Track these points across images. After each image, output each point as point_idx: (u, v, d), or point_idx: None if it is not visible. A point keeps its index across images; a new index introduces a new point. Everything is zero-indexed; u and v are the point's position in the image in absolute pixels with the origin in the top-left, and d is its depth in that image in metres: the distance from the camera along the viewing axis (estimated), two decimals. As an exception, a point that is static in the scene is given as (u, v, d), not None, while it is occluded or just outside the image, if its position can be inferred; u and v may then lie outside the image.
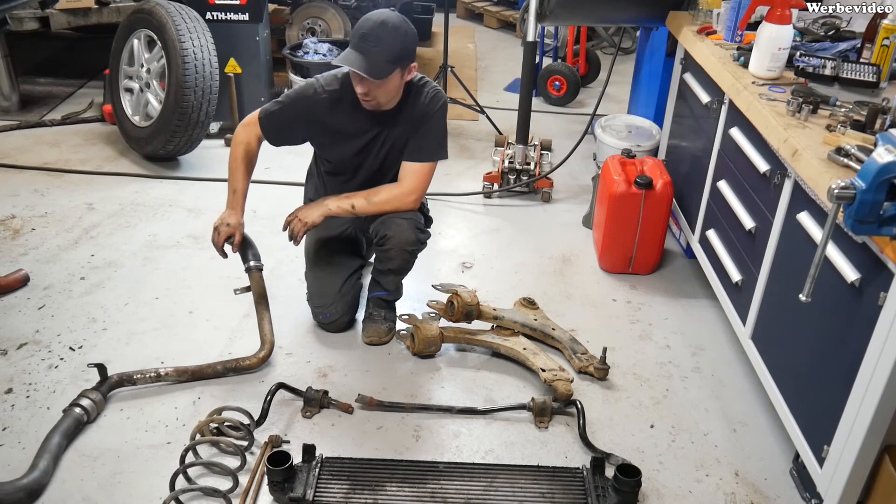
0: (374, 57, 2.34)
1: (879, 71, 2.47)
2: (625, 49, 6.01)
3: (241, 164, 2.58)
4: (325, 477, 2.11)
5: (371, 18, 2.39)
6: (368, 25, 2.37)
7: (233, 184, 2.60)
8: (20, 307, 2.85)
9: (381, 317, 2.75)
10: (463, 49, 6.16)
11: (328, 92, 2.52)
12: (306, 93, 2.53)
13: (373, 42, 2.33)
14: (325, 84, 2.53)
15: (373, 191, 2.60)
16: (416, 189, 2.60)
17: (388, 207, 2.58)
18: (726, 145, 2.75)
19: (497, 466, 2.20)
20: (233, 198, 2.60)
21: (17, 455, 2.20)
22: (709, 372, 2.68)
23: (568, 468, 2.19)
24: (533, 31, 3.57)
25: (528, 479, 2.14)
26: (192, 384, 2.50)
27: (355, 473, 2.14)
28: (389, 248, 2.59)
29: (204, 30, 3.81)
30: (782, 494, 2.20)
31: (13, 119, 4.45)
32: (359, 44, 2.36)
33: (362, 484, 2.10)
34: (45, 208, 3.53)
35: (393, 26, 2.37)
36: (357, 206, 2.57)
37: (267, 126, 2.57)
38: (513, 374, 2.63)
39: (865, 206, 1.61)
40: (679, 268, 3.31)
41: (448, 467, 2.18)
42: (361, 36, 2.36)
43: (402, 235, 2.57)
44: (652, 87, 3.97)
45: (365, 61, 2.34)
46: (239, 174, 2.58)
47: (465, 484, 2.12)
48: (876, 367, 1.73)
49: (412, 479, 2.13)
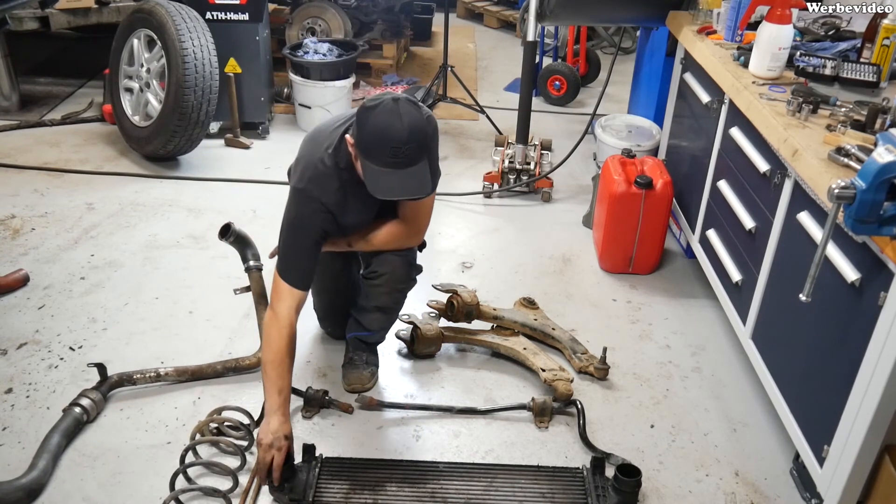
0: (414, 168, 1.99)
1: (879, 71, 2.47)
2: (625, 49, 6.00)
3: (286, 356, 2.09)
4: (325, 477, 2.11)
5: (390, 125, 1.95)
6: (396, 137, 1.94)
7: (277, 383, 2.06)
8: (20, 307, 2.85)
9: (362, 361, 2.55)
10: (463, 49, 6.16)
11: (331, 195, 2.15)
12: (310, 212, 2.14)
13: (406, 153, 1.96)
14: (322, 191, 2.13)
15: (373, 230, 2.32)
16: (419, 230, 2.37)
17: (389, 248, 2.36)
18: (726, 145, 2.75)
19: (497, 466, 2.20)
20: (279, 400, 2.05)
21: (16, 455, 2.20)
22: (709, 372, 2.68)
23: (568, 468, 2.19)
24: (533, 30, 3.56)
25: (528, 480, 2.14)
26: (192, 384, 2.50)
27: (355, 473, 2.14)
28: (380, 285, 2.39)
29: (204, 29, 3.81)
30: (782, 494, 2.20)
31: (13, 119, 4.45)
32: (392, 161, 1.96)
33: (362, 484, 2.10)
34: (45, 208, 3.53)
35: (418, 121, 1.99)
36: (354, 244, 2.33)
37: (297, 278, 2.15)
38: (513, 374, 2.63)
39: (865, 205, 1.61)
40: (679, 268, 3.31)
41: (448, 467, 2.18)
42: (393, 152, 1.95)
43: (396, 272, 2.37)
44: (652, 86, 3.97)
45: (412, 180, 2.01)
46: (285, 369, 2.08)
47: (465, 484, 2.12)
48: (876, 367, 1.73)
49: (412, 479, 2.13)
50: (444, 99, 4.58)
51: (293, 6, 5.16)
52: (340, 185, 2.15)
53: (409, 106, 1.99)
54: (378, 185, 2.01)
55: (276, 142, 4.29)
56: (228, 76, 4.05)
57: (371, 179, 2.01)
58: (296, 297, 2.14)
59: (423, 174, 2.03)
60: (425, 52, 6.02)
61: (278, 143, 4.25)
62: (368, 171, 2.01)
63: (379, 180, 2.00)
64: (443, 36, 4.56)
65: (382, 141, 1.95)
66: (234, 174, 3.91)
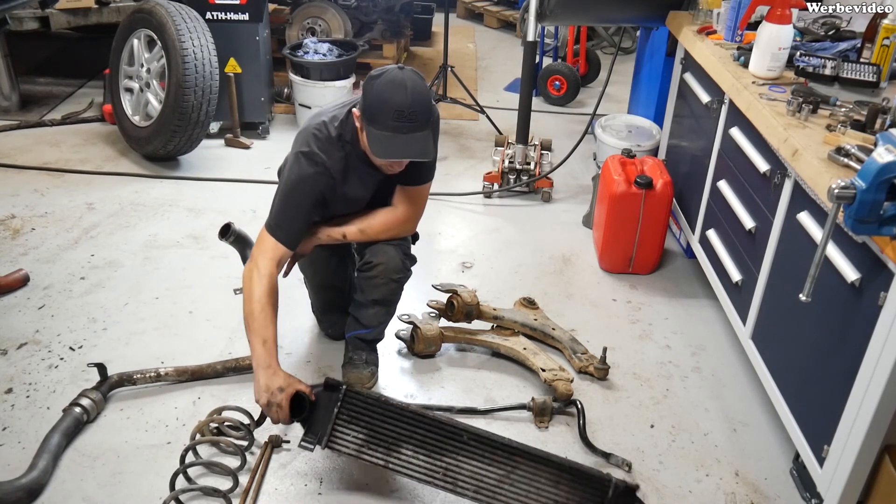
0: (418, 133, 2.06)
1: (879, 71, 2.47)
2: (625, 49, 6.00)
3: (267, 304, 2.08)
4: (344, 418, 1.98)
5: (394, 89, 2.02)
6: (399, 100, 2.01)
7: (261, 332, 2.06)
8: (20, 307, 2.85)
9: (361, 360, 2.53)
10: (463, 49, 6.16)
11: (335, 161, 2.19)
12: (313, 174, 2.17)
13: (409, 118, 2.02)
14: (327, 155, 2.17)
15: (367, 219, 2.34)
16: (413, 216, 2.40)
17: (384, 236, 2.37)
18: (726, 145, 2.75)
19: (522, 451, 2.02)
20: (264, 352, 2.05)
21: (16, 455, 2.20)
22: (709, 372, 2.68)
23: (596, 476, 2.02)
24: (533, 30, 3.57)
25: (548, 480, 1.99)
26: (192, 384, 2.50)
27: (374, 421, 2.00)
28: (375, 276, 2.37)
29: (204, 29, 3.81)
30: (782, 494, 2.20)
31: (13, 119, 4.45)
32: (395, 124, 2.03)
33: (379, 438, 1.99)
34: (45, 208, 3.53)
35: (420, 88, 2.06)
36: (349, 235, 2.34)
37: (286, 236, 2.18)
38: (513, 374, 2.63)
39: (865, 205, 1.61)
40: (679, 268, 3.31)
41: (473, 439, 2.01)
42: (396, 115, 2.01)
43: (390, 263, 2.36)
44: (652, 86, 3.97)
45: (415, 144, 2.06)
46: (267, 317, 2.07)
47: (482, 467, 1.99)
48: (876, 367, 1.73)
49: (431, 445, 2.00)
50: (444, 99, 4.58)
51: (293, 6, 5.15)
52: (344, 155, 2.20)
53: (413, 75, 2.07)
54: (381, 147, 2.06)
55: (276, 142, 4.28)
56: (228, 76, 4.05)
57: (374, 143, 2.06)
58: (279, 252, 2.17)
59: (427, 141, 2.09)
60: (425, 53, 6.02)
61: (278, 143, 4.24)
62: (372, 137, 2.06)
63: (382, 143, 2.05)
64: (443, 36, 4.56)
65: (387, 105, 2.02)
66: (234, 174, 3.91)
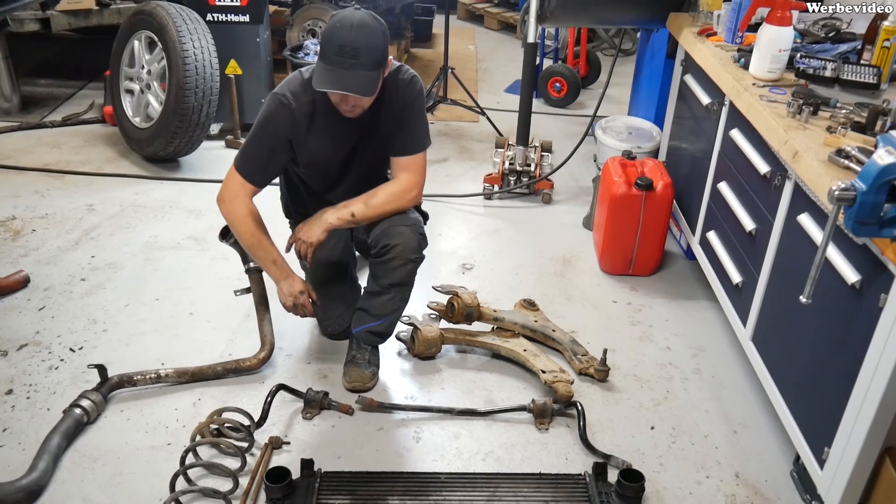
0: (360, 71, 2.12)
1: (880, 73, 2.47)
2: (625, 50, 6.01)
3: (259, 233, 2.38)
4: (325, 492, 2.08)
5: (342, 25, 2.12)
6: (342, 36, 2.10)
7: (268, 256, 2.40)
8: (21, 308, 2.85)
9: (364, 360, 2.55)
10: (463, 50, 6.17)
11: (301, 105, 2.28)
12: (277, 113, 2.28)
13: (352, 54, 2.10)
14: (294, 96, 2.27)
15: (370, 194, 2.39)
16: (416, 184, 2.43)
17: (390, 208, 2.40)
18: (727, 147, 2.75)
19: (499, 476, 2.18)
20: (277, 269, 2.43)
21: (16, 456, 2.20)
22: (709, 373, 2.68)
23: (570, 475, 2.18)
24: (533, 32, 3.57)
25: (530, 488, 2.12)
26: (193, 385, 2.50)
27: (356, 487, 2.11)
28: (392, 258, 2.39)
29: (204, 31, 3.82)
30: (783, 496, 2.20)
31: (14, 120, 4.46)
32: (337, 59, 2.11)
33: (363, 498, 2.07)
34: (46, 209, 3.54)
35: (369, 29, 2.13)
36: (357, 213, 2.38)
37: (250, 172, 2.34)
38: (513, 376, 2.63)
39: (866, 207, 1.61)
40: (679, 269, 3.31)
41: (450, 478, 2.16)
42: (339, 49, 2.10)
43: (407, 243, 2.38)
44: (652, 88, 3.97)
45: (352, 79, 2.12)
46: (266, 243, 2.40)
47: (468, 494, 2.10)
48: (877, 369, 1.73)
49: (414, 490, 2.11)
50: (444, 101, 4.58)
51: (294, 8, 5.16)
52: (312, 100, 2.30)
53: (366, 16, 2.16)
54: (319, 77, 2.15)
55: (276, 143, 4.28)
56: (229, 77, 4.05)
57: (316, 74, 2.16)
58: (248, 191, 2.37)
59: (366, 80, 2.15)
60: (426, 54, 6.03)
61: (279, 145, 4.24)
62: (317, 69, 2.17)
63: (320, 74, 2.15)
64: (443, 38, 4.57)
65: (332, 38, 2.13)
66: (234, 175, 3.90)
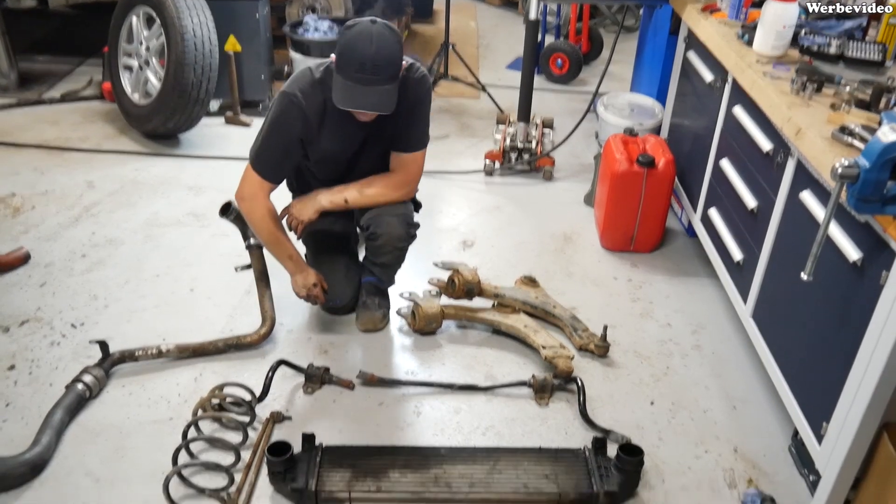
0: (380, 87, 2.17)
1: (885, 50, 2.45)
2: (628, 27, 5.96)
3: (277, 232, 2.47)
4: (327, 466, 2.09)
5: (360, 39, 2.14)
6: (362, 51, 2.13)
7: (284, 252, 2.51)
8: (21, 285, 2.85)
9: (374, 304, 2.69)
10: (464, 27, 6.12)
11: (312, 104, 2.31)
12: (289, 113, 2.31)
13: (372, 70, 2.14)
14: (304, 96, 2.30)
15: (366, 182, 2.50)
16: (411, 180, 2.54)
17: (383, 200, 2.51)
18: (729, 124, 2.73)
19: (499, 449, 2.19)
20: (293, 264, 2.54)
21: (19, 430, 2.21)
22: (709, 350, 2.69)
23: (570, 449, 2.19)
24: (535, 8, 3.53)
25: (530, 461, 2.14)
26: (194, 361, 2.51)
27: (357, 461, 2.12)
28: (381, 245, 2.55)
29: (203, 7, 3.78)
30: (781, 471, 2.22)
31: (12, 97, 4.43)
32: (357, 75, 2.15)
33: (364, 471, 2.08)
34: (46, 186, 3.53)
35: (387, 42, 2.16)
36: (350, 199, 2.49)
37: (266, 170, 2.38)
38: (513, 351, 2.64)
39: (869, 185, 1.61)
40: (680, 246, 3.31)
41: (450, 451, 2.17)
42: (359, 66, 2.14)
43: (394, 233, 2.52)
44: (655, 65, 3.94)
45: (374, 96, 2.17)
46: (283, 240, 2.50)
47: (468, 467, 2.11)
48: (876, 346, 1.73)
49: (415, 464, 2.12)
50: (445, 77, 4.56)
51: (293, -17, 5.11)
52: (323, 100, 2.32)
53: (383, 29, 2.18)
54: (340, 95, 2.20)
55: (276, 120, 4.26)
56: (228, 54, 4.02)
57: (336, 91, 2.21)
58: (266, 189, 2.41)
59: (386, 95, 2.19)
60: (426, 30, 5.98)
61: (279, 122, 4.22)
62: (336, 85, 2.21)
63: (342, 91, 2.19)
64: (444, 14, 4.54)
65: (352, 56, 2.15)
66: (234, 152, 3.89)
